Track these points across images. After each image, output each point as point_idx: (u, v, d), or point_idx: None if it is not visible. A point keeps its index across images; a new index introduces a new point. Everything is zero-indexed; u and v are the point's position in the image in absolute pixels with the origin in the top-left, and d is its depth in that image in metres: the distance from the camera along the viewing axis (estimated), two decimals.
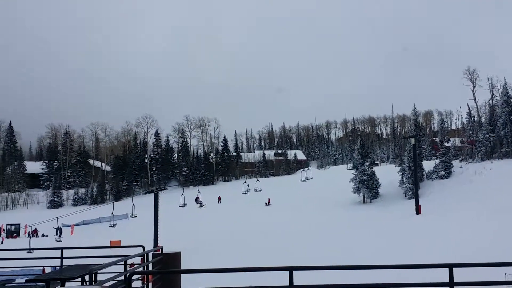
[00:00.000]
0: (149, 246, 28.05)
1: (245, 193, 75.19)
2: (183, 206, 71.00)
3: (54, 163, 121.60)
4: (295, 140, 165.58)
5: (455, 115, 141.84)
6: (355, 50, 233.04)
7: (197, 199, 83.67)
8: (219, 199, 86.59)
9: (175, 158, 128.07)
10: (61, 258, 9.39)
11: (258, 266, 6.98)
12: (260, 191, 76.22)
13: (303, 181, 76.20)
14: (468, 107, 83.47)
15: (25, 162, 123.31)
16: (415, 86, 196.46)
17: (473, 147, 72.70)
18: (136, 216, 62.77)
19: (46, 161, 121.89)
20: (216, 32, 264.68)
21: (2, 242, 64.45)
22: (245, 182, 76.99)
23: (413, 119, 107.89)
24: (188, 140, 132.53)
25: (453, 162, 73.91)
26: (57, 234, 66.06)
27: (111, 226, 65.28)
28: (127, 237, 48.89)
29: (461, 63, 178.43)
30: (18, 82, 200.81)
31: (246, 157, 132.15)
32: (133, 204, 61.06)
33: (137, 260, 8.67)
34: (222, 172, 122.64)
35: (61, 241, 60.60)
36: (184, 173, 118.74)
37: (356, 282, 6.97)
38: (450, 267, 6.18)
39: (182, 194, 68.44)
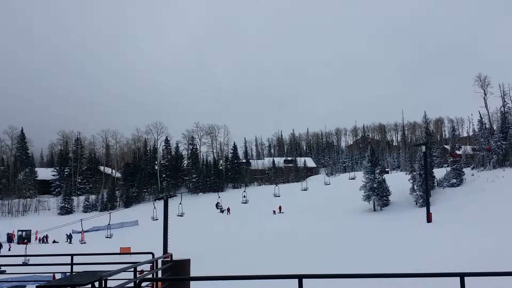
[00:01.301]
0: (158, 252, 28.08)
1: (245, 203, 74.87)
2: (181, 215, 66.89)
3: (65, 170, 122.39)
4: (304, 147, 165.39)
5: (466, 123, 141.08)
6: (365, 58, 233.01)
7: (217, 204, 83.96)
8: (228, 210, 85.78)
9: (184, 165, 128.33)
10: (71, 264, 9.41)
11: (267, 274, 6.94)
12: (279, 196, 76.51)
13: (327, 184, 77.00)
14: (480, 114, 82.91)
15: (36, 169, 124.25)
16: (425, 93, 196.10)
17: (491, 153, 72.04)
18: (157, 219, 62.26)
19: (57, 168, 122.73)
20: (227, 40, 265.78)
21: (9, 249, 64.53)
22: (244, 191, 76.37)
23: (424, 126, 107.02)
24: (198, 147, 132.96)
25: (464, 170, 73.33)
26: (70, 242, 66.11)
27: (107, 237, 64.01)
28: (136, 244, 48.95)
29: (472, 70, 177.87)
30: (30, 89, 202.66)
31: (256, 164, 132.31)
32: (155, 207, 60.78)
33: (147, 266, 8.66)
34: (231, 179, 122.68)
35: (70, 243, 60.30)
36: (193, 180, 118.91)
37: None
38: (462, 276, 6.11)
39: (180, 203, 68.05)
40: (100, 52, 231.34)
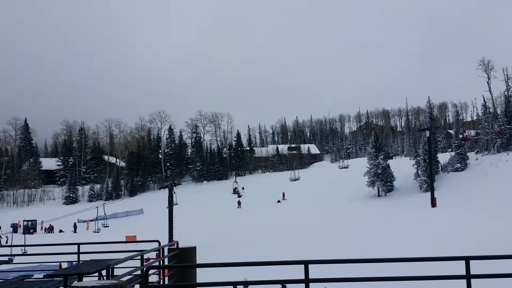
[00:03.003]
0: (164, 241, 28.21)
1: (236, 194, 74.48)
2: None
3: (69, 160, 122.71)
4: (308, 134, 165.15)
5: (470, 107, 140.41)
6: (369, 43, 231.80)
7: (235, 189, 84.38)
8: (239, 203, 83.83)
9: (188, 154, 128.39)
10: (78, 253, 9.47)
11: (274, 260, 6.98)
12: (298, 179, 76.65)
13: (343, 167, 77.06)
14: (484, 98, 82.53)
15: (40, 159, 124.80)
16: (429, 78, 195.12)
17: (504, 136, 71.50)
18: (177, 204, 61.58)
19: (61, 158, 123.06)
20: (233, 30, 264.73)
21: (6, 242, 63.89)
22: (235, 181, 76.09)
23: (428, 111, 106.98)
24: (202, 135, 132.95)
25: (468, 154, 73.16)
26: (75, 231, 66.53)
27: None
28: (142, 232, 49.19)
29: (476, 54, 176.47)
30: (33, 79, 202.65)
31: (260, 151, 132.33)
32: (174, 192, 60.39)
33: (152, 255, 8.70)
34: (235, 167, 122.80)
35: (97, 231, 61.26)
36: (198, 168, 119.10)
37: (371, 275, 6.94)
38: (467, 259, 6.13)
39: (174, 193, 67.76)
40: (107, 43, 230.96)
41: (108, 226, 65.73)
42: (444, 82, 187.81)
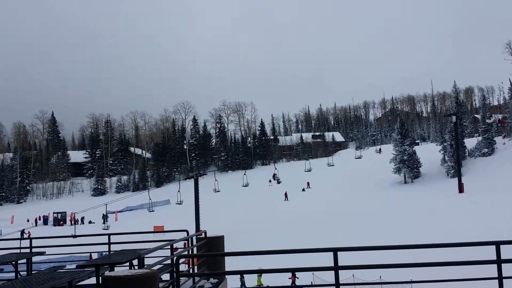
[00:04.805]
0: (191, 230, 28.44)
1: (245, 186, 74.50)
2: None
3: (97, 152, 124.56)
4: (332, 122, 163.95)
5: (496, 91, 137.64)
6: (393, 28, 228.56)
7: (274, 176, 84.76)
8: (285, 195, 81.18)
9: (213, 144, 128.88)
10: (109, 243, 9.64)
11: (302, 248, 7.01)
12: (309, 171, 76.75)
13: (358, 158, 77.29)
14: (510, 82, 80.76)
15: (68, 152, 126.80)
16: (455, 62, 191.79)
17: None
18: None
19: (89, 150, 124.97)
20: (256, 19, 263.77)
21: (29, 236, 64.19)
22: (244, 174, 75.96)
23: (454, 96, 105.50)
24: (226, 125, 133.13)
25: (496, 139, 71.96)
26: (104, 222, 67.57)
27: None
28: (169, 222, 49.68)
29: (502, 37, 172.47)
30: (59, 73, 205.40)
31: (284, 140, 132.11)
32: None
33: (180, 244, 8.80)
34: (260, 156, 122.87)
35: (106, 228, 61.74)
36: (222, 158, 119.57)
37: (401, 262, 6.91)
38: (497, 244, 6.08)
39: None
40: (130, 36, 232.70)
41: (153, 210, 67.07)
42: (470, 66, 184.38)
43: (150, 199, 65.92)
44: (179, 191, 61.07)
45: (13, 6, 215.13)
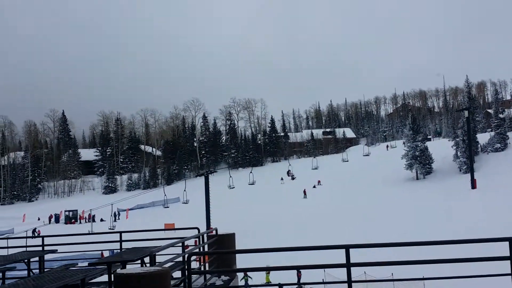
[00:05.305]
0: (201, 228, 28.42)
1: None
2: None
3: (107, 150, 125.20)
4: (343, 118, 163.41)
5: (509, 85, 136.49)
6: (404, 21, 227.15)
7: (288, 172, 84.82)
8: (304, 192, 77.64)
9: (223, 141, 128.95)
10: (120, 241, 9.66)
11: (314, 245, 6.95)
12: (316, 169, 76.98)
13: (366, 155, 77.36)
14: None
15: (79, 150, 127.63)
16: (466, 57, 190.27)
17: None
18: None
19: (99, 148, 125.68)
20: (269, 18, 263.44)
21: (39, 234, 63.63)
22: (251, 172, 76.14)
23: (466, 91, 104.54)
24: (236, 122, 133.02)
25: (508, 133, 71.34)
26: (116, 220, 67.84)
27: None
28: (179, 220, 49.79)
29: None
30: (69, 71, 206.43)
31: (294, 137, 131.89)
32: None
33: (191, 241, 8.79)
34: (270, 153, 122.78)
35: (112, 228, 61.11)
36: (232, 155, 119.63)
37: (413, 259, 6.85)
38: (510, 240, 5.99)
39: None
40: (142, 33, 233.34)
41: (168, 207, 67.59)
42: (482, 61, 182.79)
43: (165, 195, 66.20)
44: (185, 190, 61.33)
45: (22, 3, 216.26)
